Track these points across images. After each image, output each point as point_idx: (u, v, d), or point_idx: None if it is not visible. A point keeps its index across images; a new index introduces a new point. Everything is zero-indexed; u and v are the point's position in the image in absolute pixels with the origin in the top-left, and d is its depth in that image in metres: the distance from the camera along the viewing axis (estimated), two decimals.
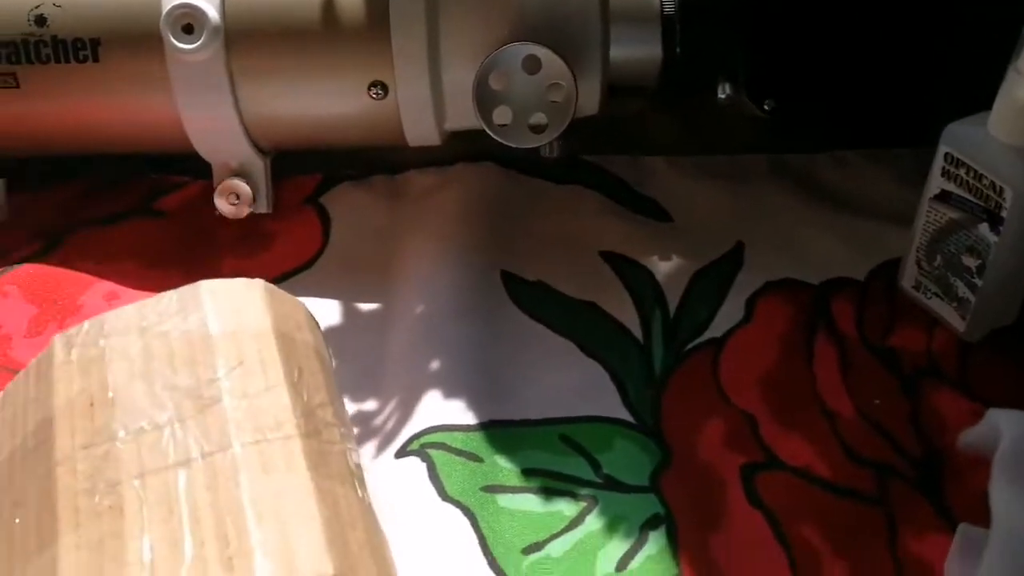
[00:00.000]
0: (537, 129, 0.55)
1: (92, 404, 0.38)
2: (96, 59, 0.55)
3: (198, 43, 0.53)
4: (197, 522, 0.33)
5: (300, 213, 0.63)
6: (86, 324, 0.42)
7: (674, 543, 0.45)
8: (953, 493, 0.47)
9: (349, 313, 0.57)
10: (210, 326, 0.40)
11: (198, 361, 0.39)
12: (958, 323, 0.53)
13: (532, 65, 0.53)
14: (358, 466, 0.41)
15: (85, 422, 0.37)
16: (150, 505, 0.34)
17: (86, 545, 0.34)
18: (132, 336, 0.40)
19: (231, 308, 0.42)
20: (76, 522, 0.34)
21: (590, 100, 0.56)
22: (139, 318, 0.41)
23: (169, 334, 0.40)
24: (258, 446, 0.36)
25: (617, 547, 0.45)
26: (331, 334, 0.55)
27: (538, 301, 0.56)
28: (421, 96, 0.55)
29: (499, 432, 0.50)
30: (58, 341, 0.42)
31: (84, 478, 0.35)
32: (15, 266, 0.59)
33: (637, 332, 0.55)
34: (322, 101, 0.56)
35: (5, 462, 0.39)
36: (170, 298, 0.42)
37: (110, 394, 0.38)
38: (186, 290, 0.43)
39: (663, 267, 0.58)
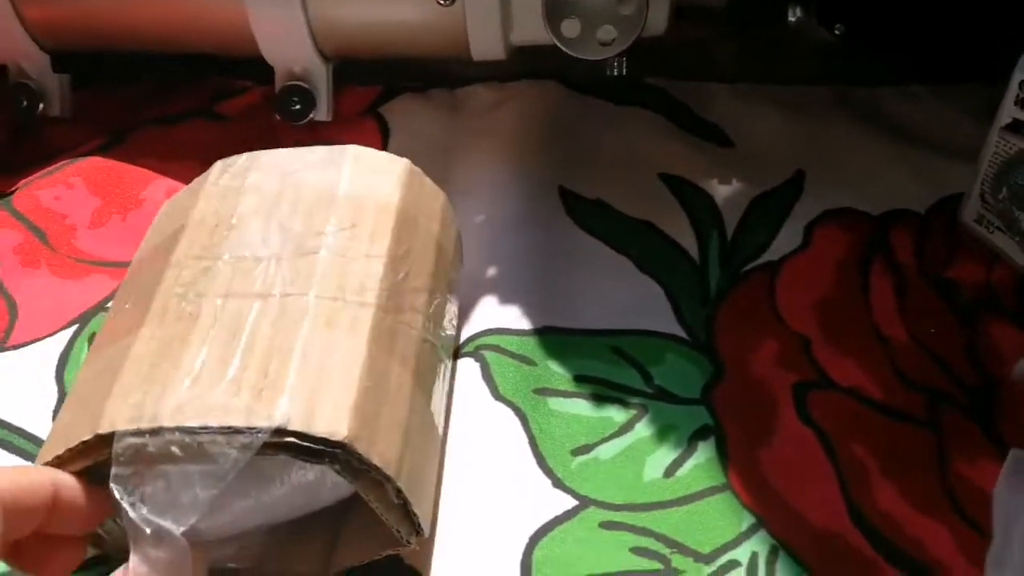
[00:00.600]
0: (605, 43, 0.54)
1: (217, 225, 0.41)
2: None
3: None
4: (250, 349, 0.35)
5: (360, 122, 0.63)
6: (243, 157, 0.45)
7: (723, 454, 0.45)
8: (1005, 421, 0.47)
9: None
10: (340, 186, 0.43)
11: (315, 213, 0.41)
12: (1020, 257, 0.52)
13: None
14: (437, 361, 0.42)
15: (204, 238, 0.41)
16: (221, 323, 0.36)
17: (158, 339, 0.36)
18: (273, 177, 0.43)
19: (367, 175, 0.44)
20: (161, 319, 0.37)
21: (658, 18, 0.56)
22: (287, 162, 0.44)
23: (303, 183, 0.43)
24: (333, 302, 0.37)
25: (666, 454, 0.45)
26: None
27: (595, 218, 0.56)
28: (489, 4, 0.54)
29: (553, 339, 0.50)
30: (217, 166, 0.46)
31: (182, 284, 0.39)
32: (80, 159, 0.60)
33: (694, 253, 0.55)
34: (390, 6, 0.56)
35: (147, 257, 0.43)
36: (320, 152, 0.45)
37: (233, 220, 0.41)
38: (336, 149, 0.45)
39: (722, 191, 0.58)
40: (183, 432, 0.33)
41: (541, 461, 0.45)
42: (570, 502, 0.43)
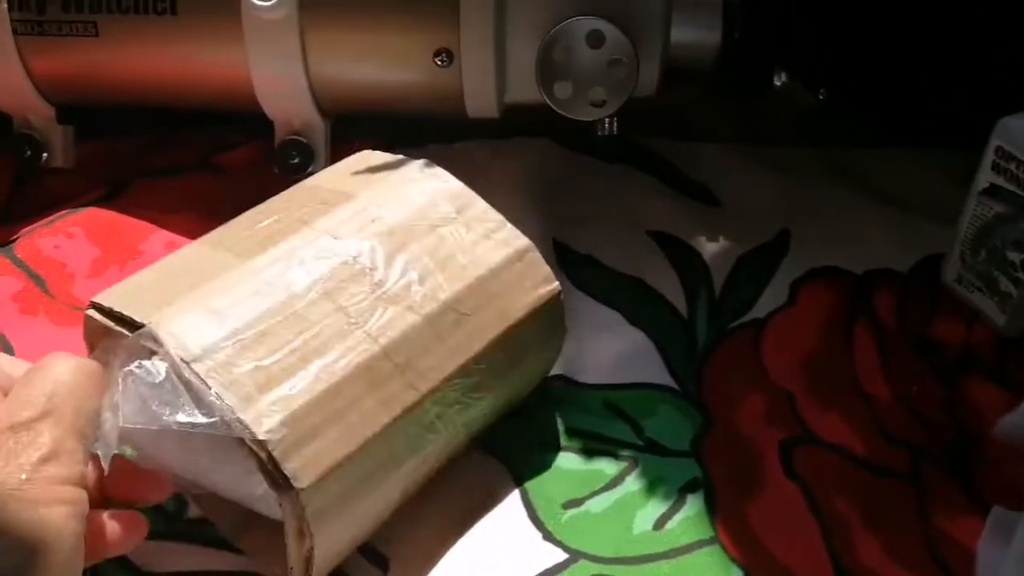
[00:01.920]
0: (596, 104, 0.56)
1: (363, 215, 0.44)
2: (174, 12, 0.57)
3: (274, 1, 0.55)
4: (293, 351, 0.38)
5: None
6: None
7: (712, 507, 0.46)
8: (984, 478, 0.48)
9: None
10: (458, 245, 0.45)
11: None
12: (998, 317, 0.54)
13: (596, 40, 0.54)
14: (433, 436, 0.42)
15: (350, 223, 0.43)
16: (297, 310, 0.39)
17: (253, 285, 0.40)
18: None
19: (479, 237, 0.46)
20: (270, 267, 0.41)
21: (648, 80, 0.57)
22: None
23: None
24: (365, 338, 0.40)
25: (655, 507, 0.46)
26: None
27: (586, 273, 0.58)
28: (485, 65, 0.56)
29: (545, 392, 0.51)
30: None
31: (299, 258, 0.41)
32: (81, 209, 0.61)
33: (682, 309, 0.56)
34: (388, 65, 0.58)
35: (303, 197, 0.46)
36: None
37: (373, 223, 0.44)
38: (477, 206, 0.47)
39: (709, 248, 0.59)
40: (199, 379, 0.36)
41: (532, 514, 0.46)
42: (560, 555, 0.44)
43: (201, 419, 0.35)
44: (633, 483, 0.47)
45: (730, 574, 0.43)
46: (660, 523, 0.46)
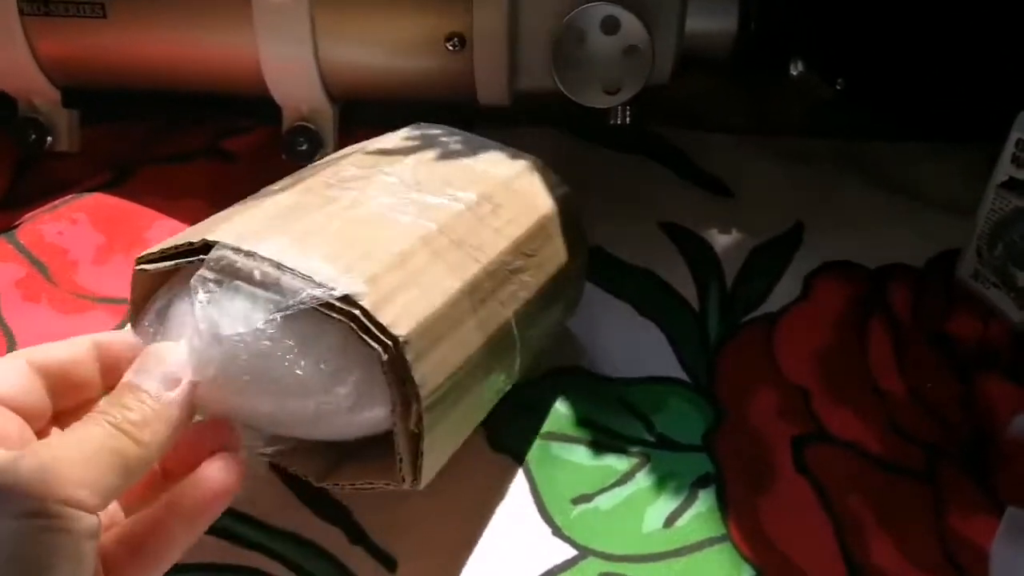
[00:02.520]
0: (610, 92, 0.55)
1: (392, 154, 0.47)
2: None
3: None
4: (366, 239, 0.39)
5: None
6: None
7: (723, 503, 0.46)
8: (1000, 477, 0.47)
9: None
10: (509, 175, 0.47)
11: (475, 181, 0.45)
12: (1014, 313, 0.53)
13: (611, 26, 0.53)
14: (508, 359, 0.43)
15: (374, 159, 0.46)
16: (355, 212, 0.41)
17: (298, 203, 0.41)
18: (461, 143, 0.49)
19: (535, 182, 0.48)
20: (307, 191, 0.42)
21: (663, 68, 0.56)
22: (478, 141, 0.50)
23: (481, 158, 0.48)
24: (450, 241, 0.41)
25: (666, 504, 0.45)
26: None
27: (597, 264, 0.57)
28: (497, 51, 0.55)
29: (556, 383, 0.50)
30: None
31: (339, 177, 0.44)
32: (85, 194, 0.61)
33: (694, 302, 0.55)
34: (399, 50, 0.57)
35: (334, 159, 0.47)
36: (508, 150, 0.50)
37: (408, 159, 0.46)
38: (524, 155, 0.49)
39: (722, 241, 0.59)
40: (272, 265, 0.35)
41: (541, 509, 0.45)
42: (569, 551, 0.43)
43: (290, 300, 0.35)
44: (644, 479, 0.46)
45: (741, 573, 0.43)
46: (670, 520, 0.45)
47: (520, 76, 0.58)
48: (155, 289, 0.39)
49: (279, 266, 0.35)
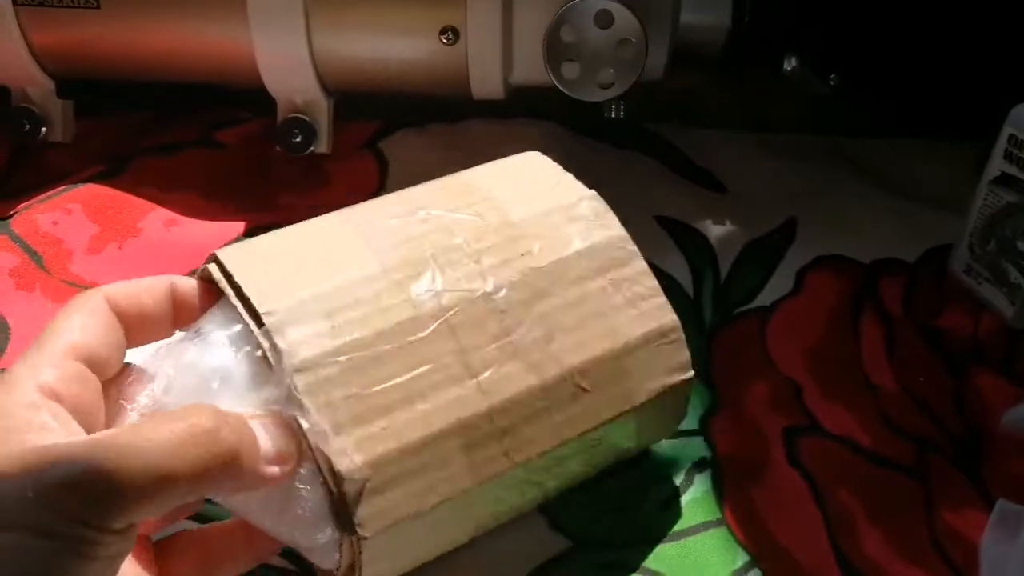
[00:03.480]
0: (604, 86, 0.55)
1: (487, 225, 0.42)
2: None
3: None
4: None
5: (358, 156, 0.64)
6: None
7: (719, 488, 0.46)
8: (991, 471, 0.47)
9: None
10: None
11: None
12: (1007, 308, 0.53)
13: (604, 20, 0.53)
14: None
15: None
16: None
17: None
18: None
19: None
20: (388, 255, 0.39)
21: (657, 62, 0.57)
22: None
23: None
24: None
25: (663, 490, 0.46)
26: None
27: None
28: (491, 44, 0.55)
29: None
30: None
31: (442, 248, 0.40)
32: (79, 185, 0.61)
33: (689, 290, 0.55)
34: (394, 42, 0.57)
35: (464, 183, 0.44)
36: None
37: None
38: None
39: (715, 233, 0.59)
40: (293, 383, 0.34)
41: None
42: (566, 542, 0.43)
43: None
44: (640, 468, 0.46)
45: (736, 557, 0.43)
46: (667, 505, 0.45)
47: (514, 70, 0.58)
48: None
49: (301, 400, 0.34)
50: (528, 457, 0.37)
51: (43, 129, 0.63)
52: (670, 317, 0.42)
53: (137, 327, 0.35)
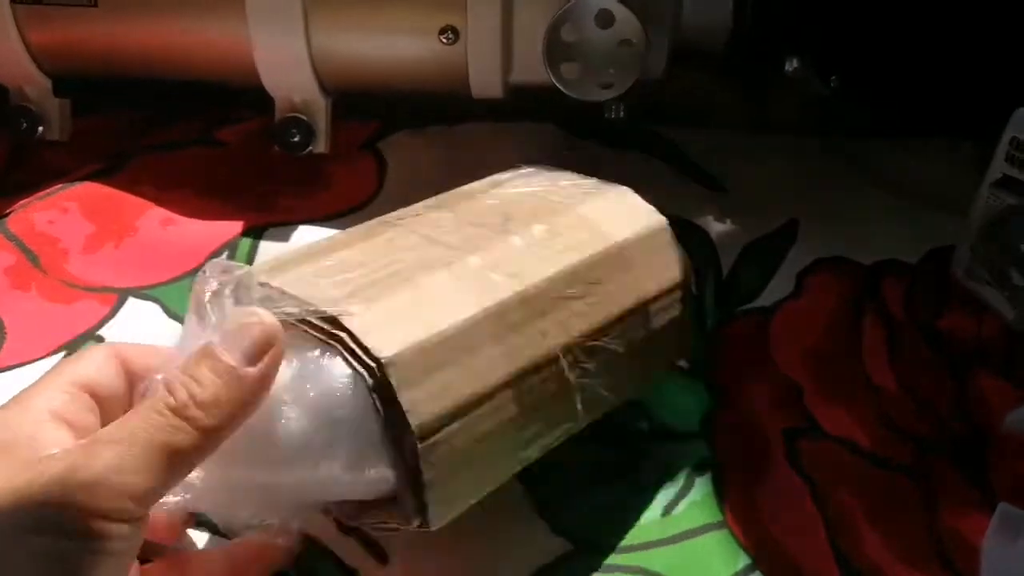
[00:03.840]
0: (603, 86, 0.55)
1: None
2: None
3: None
4: (382, 268, 0.37)
5: (356, 157, 0.64)
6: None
7: (720, 490, 0.45)
8: (993, 473, 0.47)
9: None
10: (579, 205, 0.44)
11: (538, 215, 0.42)
12: (1008, 311, 0.53)
13: (605, 19, 0.53)
14: (558, 400, 0.39)
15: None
16: (385, 245, 0.39)
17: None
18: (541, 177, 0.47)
19: (614, 210, 0.45)
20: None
21: (658, 62, 0.56)
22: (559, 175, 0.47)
23: (556, 190, 0.45)
24: (481, 268, 0.38)
25: (664, 494, 0.45)
26: None
27: None
28: (491, 43, 0.55)
29: None
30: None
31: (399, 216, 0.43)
32: (76, 184, 0.60)
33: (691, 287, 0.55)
34: (392, 41, 0.57)
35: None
36: (595, 182, 0.47)
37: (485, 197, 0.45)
38: (613, 186, 0.47)
39: (716, 231, 0.58)
40: (278, 292, 0.34)
41: (539, 503, 0.45)
42: (567, 546, 0.43)
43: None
44: (642, 471, 0.46)
45: (737, 559, 0.43)
46: (668, 509, 0.45)
47: (514, 69, 0.57)
48: None
49: (282, 292, 0.34)
50: (565, 342, 0.37)
51: (40, 128, 0.62)
52: (657, 218, 0.45)
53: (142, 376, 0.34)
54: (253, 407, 0.31)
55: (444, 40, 0.55)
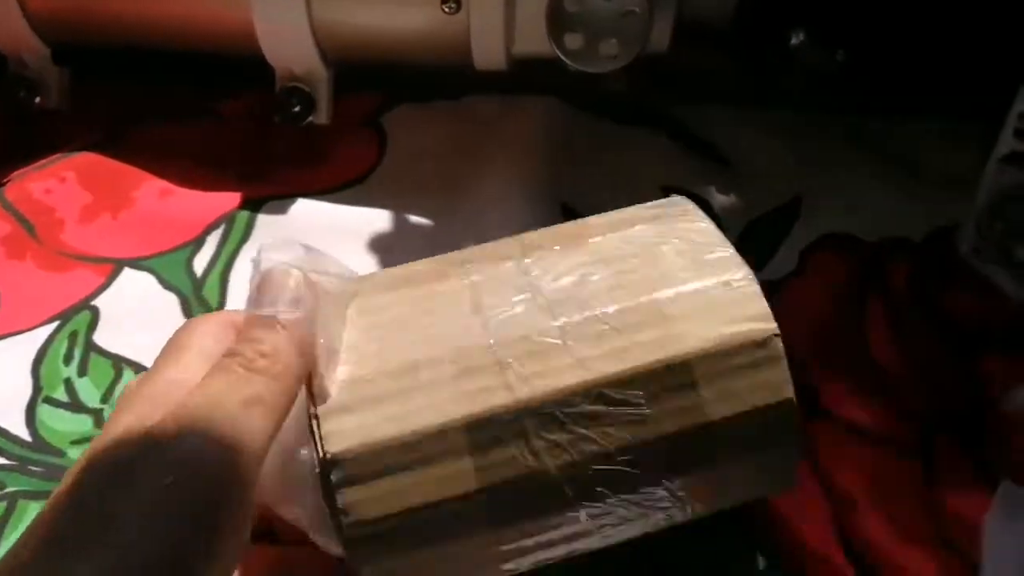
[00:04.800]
0: (607, 57, 0.54)
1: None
2: None
3: None
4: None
5: (358, 129, 0.63)
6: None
7: None
8: (996, 452, 0.47)
9: (399, 230, 0.57)
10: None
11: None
12: (1013, 290, 0.52)
13: None
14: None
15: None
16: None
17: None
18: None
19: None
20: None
21: (662, 34, 0.55)
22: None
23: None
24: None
25: None
26: (377, 248, 0.55)
27: None
28: (494, 13, 0.54)
29: None
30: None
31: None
32: (74, 153, 0.60)
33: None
34: (394, 11, 0.56)
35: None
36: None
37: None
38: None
39: (720, 204, 0.58)
40: None
41: None
42: None
43: None
44: None
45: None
46: None
47: (517, 40, 0.57)
48: None
49: None
50: (534, 396, 0.32)
51: (39, 96, 0.62)
52: (739, 264, 0.36)
53: None
54: (308, 346, 0.32)
55: (446, 10, 0.55)
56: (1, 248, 0.55)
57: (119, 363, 0.51)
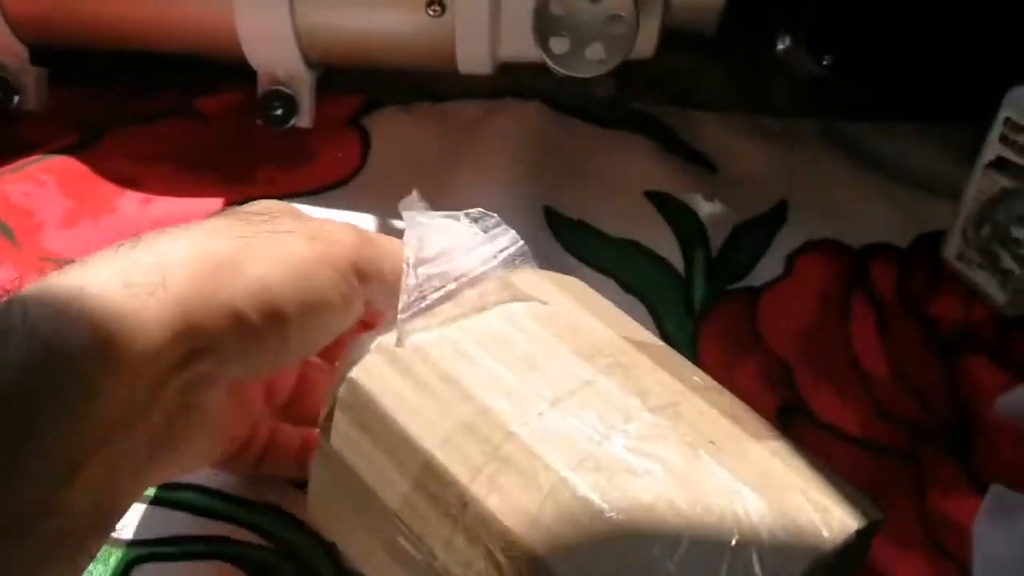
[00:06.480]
0: (593, 62, 0.54)
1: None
2: None
3: None
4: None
5: (341, 131, 0.62)
6: None
7: None
8: (983, 456, 0.47)
9: (383, 232, 0.57)
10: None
11: None
12: (999, 295, 0.52)
13: None
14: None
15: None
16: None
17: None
18: None
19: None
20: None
21: (648, 39, 0.55)
22: None
23: None
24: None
25: None
26: None
27: (579, 238, 0.56)
28: (479, 17, 0.54)
29: None
30: None
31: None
32: (52, 156, 0.59)
33: (679, 267, 0.54)
34: (378, 14, 0.56)
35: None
36: None
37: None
38: None
39: (706, 211, 0.58)
40: None
41: None
42: None
43: None
44: None
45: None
46: None
47: (502, 44, 0.56)
48: None
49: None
50: (479, 506, 0.30)
51: (16, 97, 0.61)
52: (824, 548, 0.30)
53: None
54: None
55: (431, 12, 0.54)
56: None
57: None
